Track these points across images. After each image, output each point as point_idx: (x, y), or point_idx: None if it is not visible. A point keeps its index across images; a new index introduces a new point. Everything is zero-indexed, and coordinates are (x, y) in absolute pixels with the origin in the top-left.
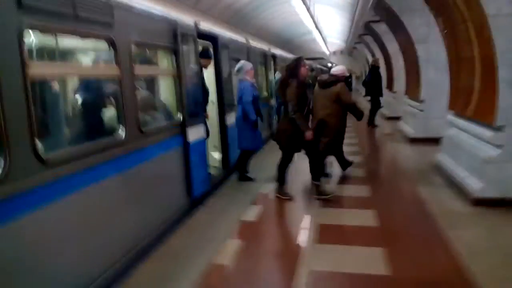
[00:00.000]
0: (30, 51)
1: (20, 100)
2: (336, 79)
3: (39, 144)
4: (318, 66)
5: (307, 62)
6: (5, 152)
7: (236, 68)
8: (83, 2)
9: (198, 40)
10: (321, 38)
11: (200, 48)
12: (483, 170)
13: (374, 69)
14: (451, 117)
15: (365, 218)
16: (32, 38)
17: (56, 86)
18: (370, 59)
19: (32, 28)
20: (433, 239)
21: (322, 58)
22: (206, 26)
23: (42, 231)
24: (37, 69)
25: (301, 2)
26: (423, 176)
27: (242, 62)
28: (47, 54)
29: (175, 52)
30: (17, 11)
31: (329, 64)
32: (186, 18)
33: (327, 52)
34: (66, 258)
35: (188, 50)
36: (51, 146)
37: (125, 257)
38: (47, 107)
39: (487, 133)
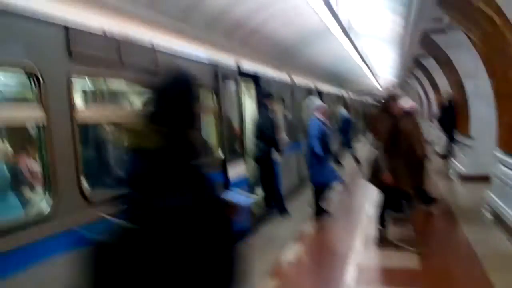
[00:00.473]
0: (78, 96)
1: (68, 142)
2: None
3: (84, 184)
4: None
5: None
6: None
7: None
8: (127, 48)
9: (240, 78)
10: (371, 73)
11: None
12: None
13: (449, 105)
14: (499, 154)
15: (408, 258)
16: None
17: (102, 129)
18: (422, 94)
19: (80, 74)
20: (476, 282)
21: (373, 93)
22: (248, 65)
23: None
24: (84, 113)
25: (346, 38)
26: (471, 215)
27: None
28: (94, 99)
29: (216, 91)
30: (67, 59)
31: (382, 100)
32: (227, 59)
33: (379, 87)
34: None
35: (229, 89)
36: (97, 185)
37: None
38: (94, 149)
39: None
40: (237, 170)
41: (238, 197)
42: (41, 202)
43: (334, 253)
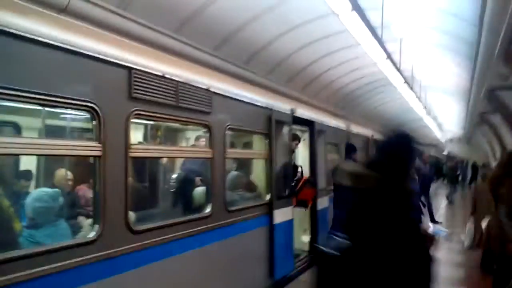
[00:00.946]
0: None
1: (120, 177)
2: None
3: (132, 216)
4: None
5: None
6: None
7: None
8: (185, 92)
9: (295, 125)
10: (435, 125)
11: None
12: None
13: None
14: None
15: None
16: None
17: (152, 164)
18: (488, 149)
19: (138, 116)
20: None
21: (436, 145)
22: (303, 112)
23: None
24: (138, 151)
25: (409, 89)
26: None
27: None
28: (151, 137)
29: (268, 136)
30: (128, 101)
31: (444, 152)
32: (283, 105)
33: (442, 140)
34: None
35: (282, 135)
36: (142, 218)
37: None
38: (143, 183)
39: None
40: (284, 214)
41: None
42: None
43: None
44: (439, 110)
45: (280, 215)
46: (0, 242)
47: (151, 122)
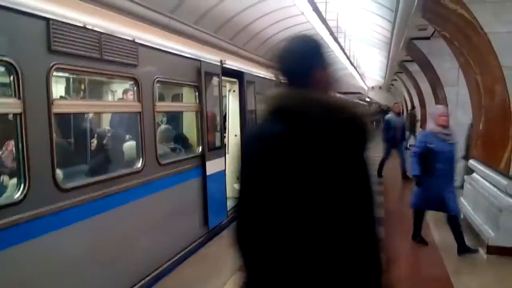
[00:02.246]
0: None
1: (44, 133)
2: None
3: (59, 174)
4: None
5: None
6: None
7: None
8: (109, 44)
9: (225, 76)
10: (357, 74)
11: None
12: (497, 218)
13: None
14: (472, 162)
15: None
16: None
17: (78, 120)
18: (407, 97)
19: (59, 69)
20: (437, 284)
21: (360, 93)
22: (233, 64)
23: (58, 252)
24: (62, 106)
25: (333, 41)
26: (441, 220)
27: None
28: (75, 91)
29: (198, 89)
30: (47, 54)
31: (367, 99)
32: (212, 57)
33: (365, 87)
34: (78, 282)
35: (212, 87)
36: (70, 176)
37: (136, 285)
38: (70, 139)
39: (503, 181)
40: (217, 166)
41: None
42: None
43: None
44: (362, 59)
45: (213, 166)
46: None
47: (74, 76)
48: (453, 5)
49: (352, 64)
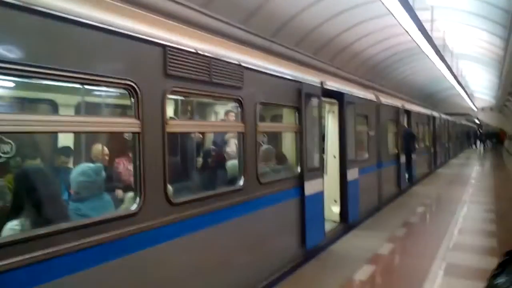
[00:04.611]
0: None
1: (158, 151)
2: None
3: (170, 189)
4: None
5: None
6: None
7: None
8: (217, 69)
9: (325, 97)
10: (465, 94)
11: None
12: None
13: None
14: None
15: None
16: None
17: (187, 139)
18: None
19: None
20: None
21: (467, 114)
22: (332, 84)
23: (166, 262)
24: (174, 126)
25: (440, 58)
26: None
27: None
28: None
29: (298, 110)
30: (164, 78)
31: (476, 121)
32: (312, 78)
33: (474, 108)
34: None
35: (312, 108)
36: (179, 191)
37: None
38: (178, 157)
39: None
40: (315, 186)
41: None
42: None
43: (409, 277)
44: (471, 78)
45: (311, 187)
46: (51, 214)
47: (183, 98)
48: None
49: (459, 83)
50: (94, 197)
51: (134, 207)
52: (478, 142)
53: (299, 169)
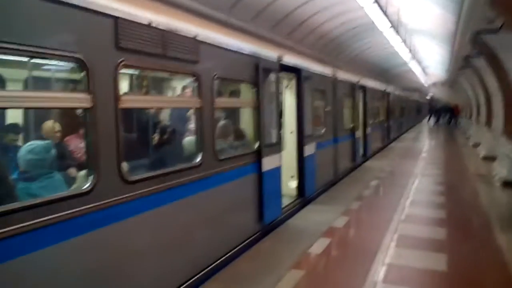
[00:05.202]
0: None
1: (111, 127)
2: None
3: (125, 167)
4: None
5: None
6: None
7: None
8: (172, 42)
9: (282, 72)
10: (419, 69)
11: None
12: None
13: None
14: None
15: (436, 261)
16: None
17: (142, 115)
18: (471, 93)
19: (126, 66)
20: None
21: (420, 90)
22: (290, 60)
23: (122, 241)
24: (127, 101)
25: (395, 34)
26: (507, 223)
27: None
28: (139, 87)
29: (256, 85)
30: (115, 51)
31: (428, 96)
32: (269, 53)
33: (426, 84)
34: (139, 270)
35: (269, 83)
36: (135, 168)
37: (194, 275)
38: (133, 133)
39: None
40: (272, 162)
41: None
42: None
43: (362, 249)
44: (424, 54)
45: (268, 163)
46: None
47: (138, 72)
48: None
49: (413, 58)
50: (44, 176)
51: (86, 185)
52: (430, 117)
53: (256, 145)
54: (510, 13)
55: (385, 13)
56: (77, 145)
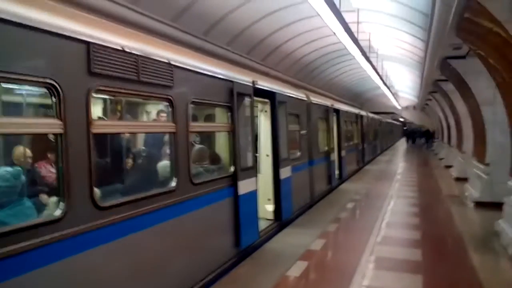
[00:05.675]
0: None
1: (83, 153)
2: None
3: (97, 193)
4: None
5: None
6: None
7: None
8: (145, 67)
9: (256, 97)
10: (391, 93)
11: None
12: None
13: None
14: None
15: (413, 282)
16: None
17: (116, 140)
18: (441, 115)
19: (99, 91)
20: None
21: (393, 113)
22: (264, 84)
23: (95, 269)
24: (100, 126)
25: (365, 60)
26: (481, 242)
27: None
28: (112, 112)
29: (231, 109)
30: (88, 77)
31: (400, 119)
32: (244, 77)
33: (399, 107)
34: None
35: (244, 107)
36: (108, 194)
37: None
38: (106, 159)
39: None
40: (248, 185)
41: None
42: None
43: (339, 271)
44: (395, 79)
45: (244, 186)
46: None
47: (111, 97)
48: (488, 23)
49: (384, 83)
50: (14, 203)
51: (58, 212)
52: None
53: (232, 169)
54: (475, 40)
55: (355, 40)
56: (48, 170)
